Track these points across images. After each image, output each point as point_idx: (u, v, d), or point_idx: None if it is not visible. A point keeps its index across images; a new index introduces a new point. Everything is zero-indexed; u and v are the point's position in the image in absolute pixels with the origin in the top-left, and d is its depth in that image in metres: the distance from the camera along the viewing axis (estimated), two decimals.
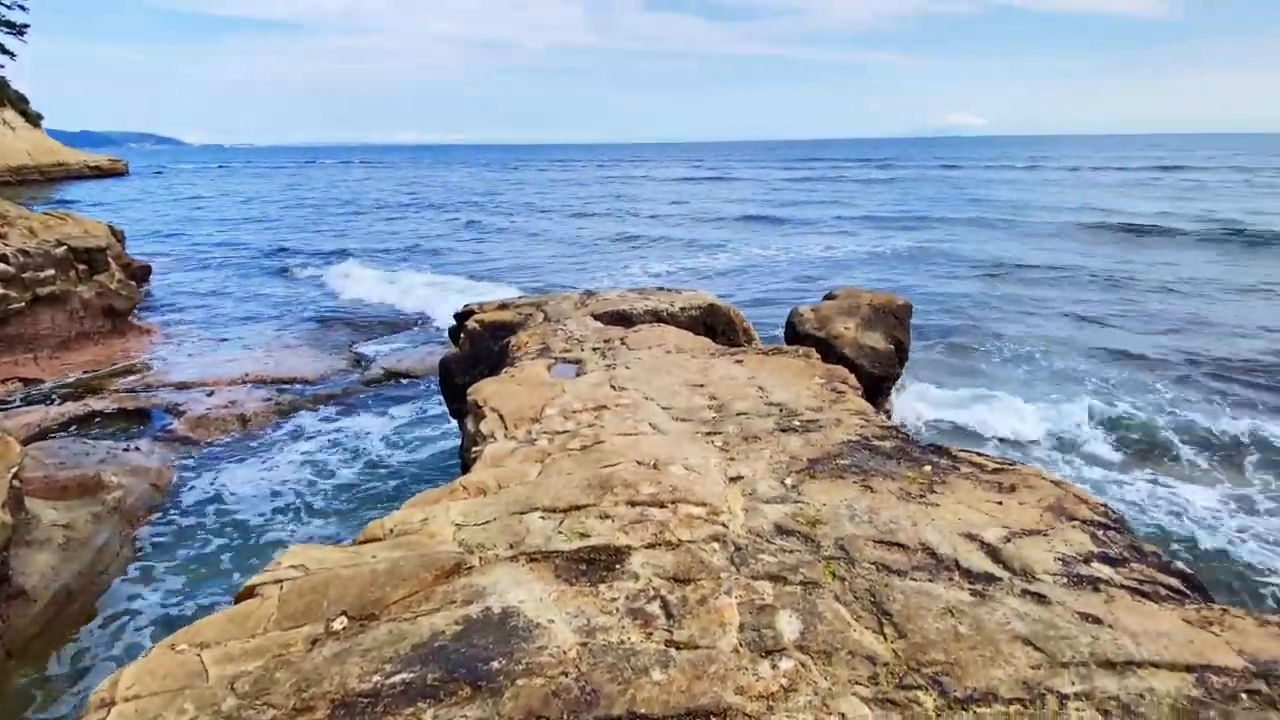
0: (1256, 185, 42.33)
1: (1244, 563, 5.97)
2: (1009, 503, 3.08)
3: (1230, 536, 6.34)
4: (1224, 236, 21.97)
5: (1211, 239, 21.86)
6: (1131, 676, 2.04)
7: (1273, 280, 16.12)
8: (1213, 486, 7.24)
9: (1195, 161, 69.78)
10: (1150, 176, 51.53)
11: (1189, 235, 22.52)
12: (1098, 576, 2.53)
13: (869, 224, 29.64)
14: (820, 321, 10.22)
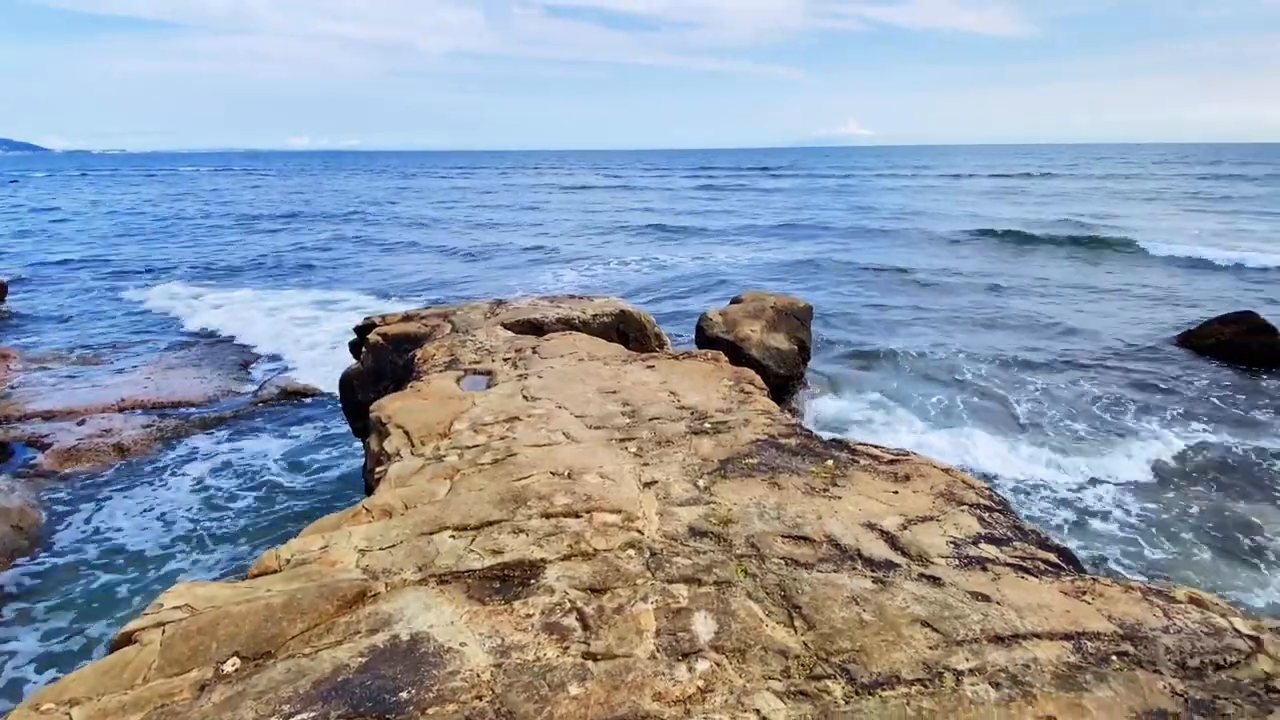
0: (1110, 191, 46.95)
1: (1104, 535, 6.58)
2: (904, 492, 3.25)
3: (1090, 512, 6.97)
4: (1083, 240, 24.13)
5: (1073, 243, 23.96)
6: (1018, 648, 2.19)
7: (1128, 282, 17.90)
8: (1075, 471, 7.94)
9: (1056, 169, 76.55)
10: (1016, 184, 56.02)
11: (1051, 240, 24.59)
12: (985, 556, 2.71)
13: (770, 230, 30.68)
14: (728, 325, 10.48)
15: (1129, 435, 8.73)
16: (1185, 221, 29.53)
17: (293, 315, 15.98)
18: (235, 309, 16.63)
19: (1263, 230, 26.55)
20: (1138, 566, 6.10)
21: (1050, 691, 2.01)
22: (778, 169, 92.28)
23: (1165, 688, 2.03)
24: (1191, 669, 2.12)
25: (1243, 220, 29.95)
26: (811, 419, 9.68)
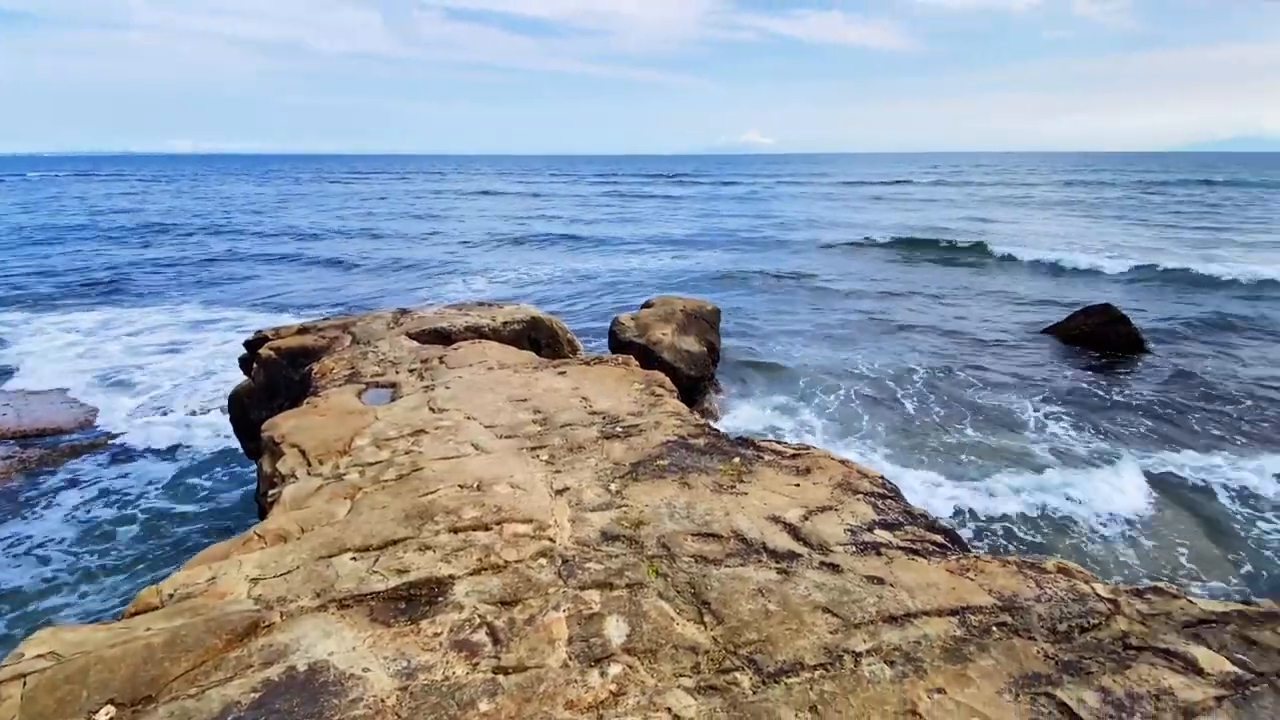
0: (986, 198, 50.72)
1: (991, 514, 7.11)
2: (805, 484, 3.39)
3: (980, 491, 7.52)
4: (961, 246, 25.83)
5: (952, 248, 25.64)
6: (910, 627, 2.33)
7: (1003, 284, 19.37)
8: (965, 458, 8.53)
9: (938, 176, 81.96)
10: (903, 190, 59.53)
11: (932, 245, 26.22)
12: (879, 542, 2.86)
13: (679, 237, 31.19)
14: (640, 329, 10.58)
15: (1009, 420, 9.45)
16: (1053, 226, 32.29)
17: (165, 336, 14.79)
18: (96, 330, 15.23)
19: (1116, 234, 29.42)
20: (1018, 539, 6.60)
21: (939, 665, 2.15)
22: (685, 176, 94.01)
23: (1039, 652, 2.21)
24: (1061, 633, 2.32)
25: (1103, 225, 33.09)
26: (721, 418, 9.91)
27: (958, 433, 9.08)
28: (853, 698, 2.02)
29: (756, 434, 9.27)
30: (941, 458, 8.34)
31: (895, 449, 8.61)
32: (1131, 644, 2.25)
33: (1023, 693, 2.04)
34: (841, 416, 9.68)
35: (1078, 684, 2.06)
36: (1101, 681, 2.08)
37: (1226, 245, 25.40)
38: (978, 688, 2.05)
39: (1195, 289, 18.05)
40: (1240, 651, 2.22)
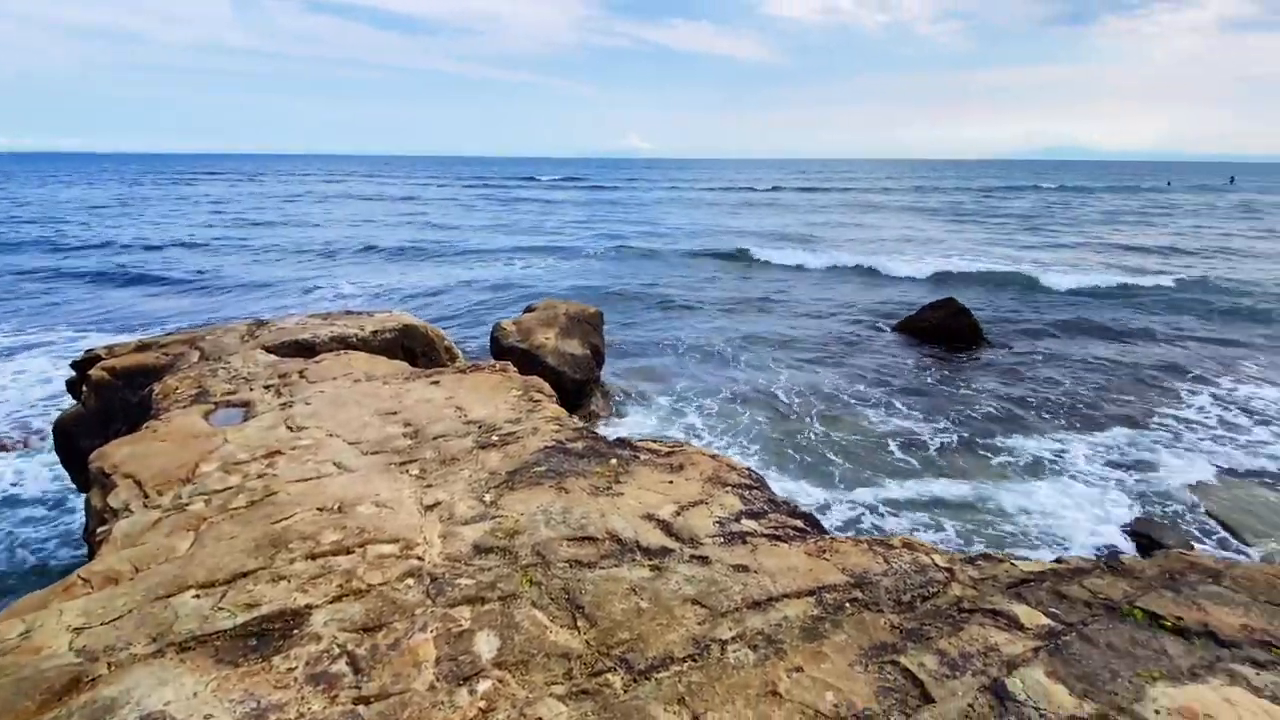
0: (845, 203, 54.32)
1: (858, 502, 7.63)
2: (678, 480, 3.48)
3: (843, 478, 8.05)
4: (818, 249, 27.47)
5: (809, 252, 27.21)
6: (772, 611, 2.44)
7: (846, 298, 20.83)
8: (829, 442, 9.11)
9: (806, 182, 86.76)
10: (769, 196, 62.58)
11: (790, 246, 27.76)
12: (746, 531, 2.99)
13: (559, 239, 31.08)
14: (523, 333, 10.44)
15: (868, 409, 10.17)
16: (908, 231, 35.07)
17: None
18: None
19: (956, 237, 32.39)
20: (874, 520, 7.12)
21: (798, 645, 2.27)
22: (566, 180, 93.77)
23: (886, 623, 2.39)
24: (905, 603, 2.52)
25: (947, 230, 36.31)
26: (607, 419, 9.97)
27: (821, 424, 9.65)
28: (718, 685, 2.10)
29: (644, 433, 9.42)
30: (807, 449, 8.82)
31: (765, 441, 9.02)
32: (964, 607, 2.49)
33: (871, 663, 2.19)
34: (719, 413, 10.02)
35: (919, 649, 2.25)
36: (939, 645, 2.28)
37: (1043, 248, 28.65)
38: (832, 663, 2.19)
39: (1023, 290, 20.20)
40: (1054, 605, 2.51)
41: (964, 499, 7.48)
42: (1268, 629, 2.32)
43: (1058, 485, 7.79)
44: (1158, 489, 7.71)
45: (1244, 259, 25.97)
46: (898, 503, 7.42)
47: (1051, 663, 2.19)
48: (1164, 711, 1.96)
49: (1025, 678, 2.11)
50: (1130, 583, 2.61)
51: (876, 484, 7.82)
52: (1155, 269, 22.97)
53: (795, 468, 8.24)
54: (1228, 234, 34.11)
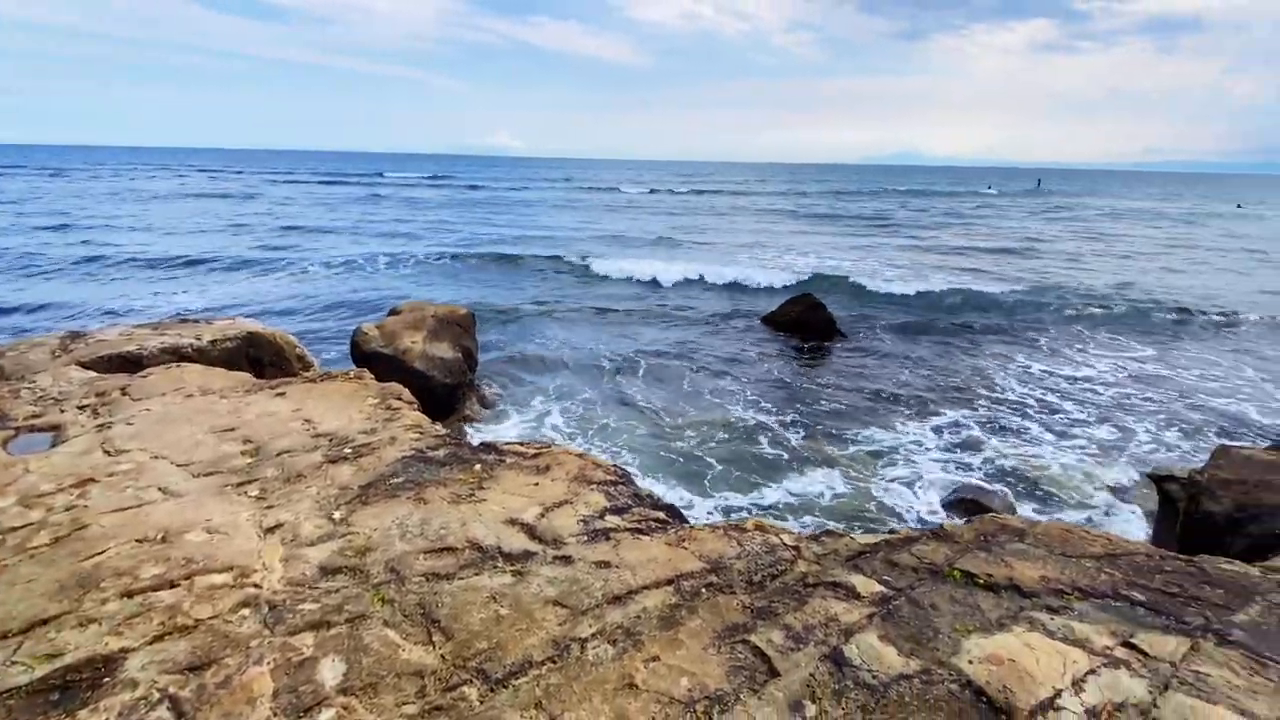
0: (702, 208, 56.23)
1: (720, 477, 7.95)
2: (544, 482, 3.45)
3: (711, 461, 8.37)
4: (679, 250, 28.44)
5: (671, 255, 28.16)
6: (632, 604, 2.48)
7: (709, 299, 21.68)
8: (698, 431, 9.43)
9: (669, 183, 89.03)
10: (641, 197, 63.62)
11: (666, 252, 28.61)
12: (609, 527, 3.01)
13: (424, 240, 29.92)
14: (387, 338, 9.95)
15: (732, 403, 10.62)
16: (771, 233, 36.93)
17: None
18: None
19: (810, 240, 34.52)
20: (736, 509, 7.46)
21: (655, 635, 2.32)
22: (432, 176, 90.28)
23: (738, 604, 2.50)
24: (756, 583, 2.64)
25: (802, 235, 38.58)
26: (482, 423, 9.73)
27: (688, 420, 9.96)
28: (576, 685, 2.10)
29: (518, 436, 9.27)
30: (675, 446, 9.07)
31: (635, 439, 9.18)
32: (809, 582, 2.65)
33: (724, 644, 2.28)
34: (592, 415, 10.06)
35: (767, 626, 2.37)
36: (786, 620, 2.41)
37: (890, 249, 31.20)
38: (687, 648, 2.25)
39: (867, 287, 21.87)
40: (886, 574, 2.73)
41: (823, 482, 7.98)
42: (1059, 578, 2.65)
43: (903, 464, 8.51)
44: (985, 462, 8.61)
45: (1057, 254, 29.62)
46: (763, 491, 7.79)
47: (884, 626, 2.38)
48: (976, 660, 2.19)
49: (860, 643, 2.28)
50: (951, 547, 2.90)
51: (743, 472, 8.17)
52: (983, 268, 25.65)
53: (665, 464, 8.44)
54: (1040, 231, 38.78)
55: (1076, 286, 20.97)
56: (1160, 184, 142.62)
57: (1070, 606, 2.48)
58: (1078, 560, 2.77)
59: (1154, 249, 32.32)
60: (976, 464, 8.54)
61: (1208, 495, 4.36)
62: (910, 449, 8.94)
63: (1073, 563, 2.75)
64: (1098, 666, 2.16)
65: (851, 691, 2.08)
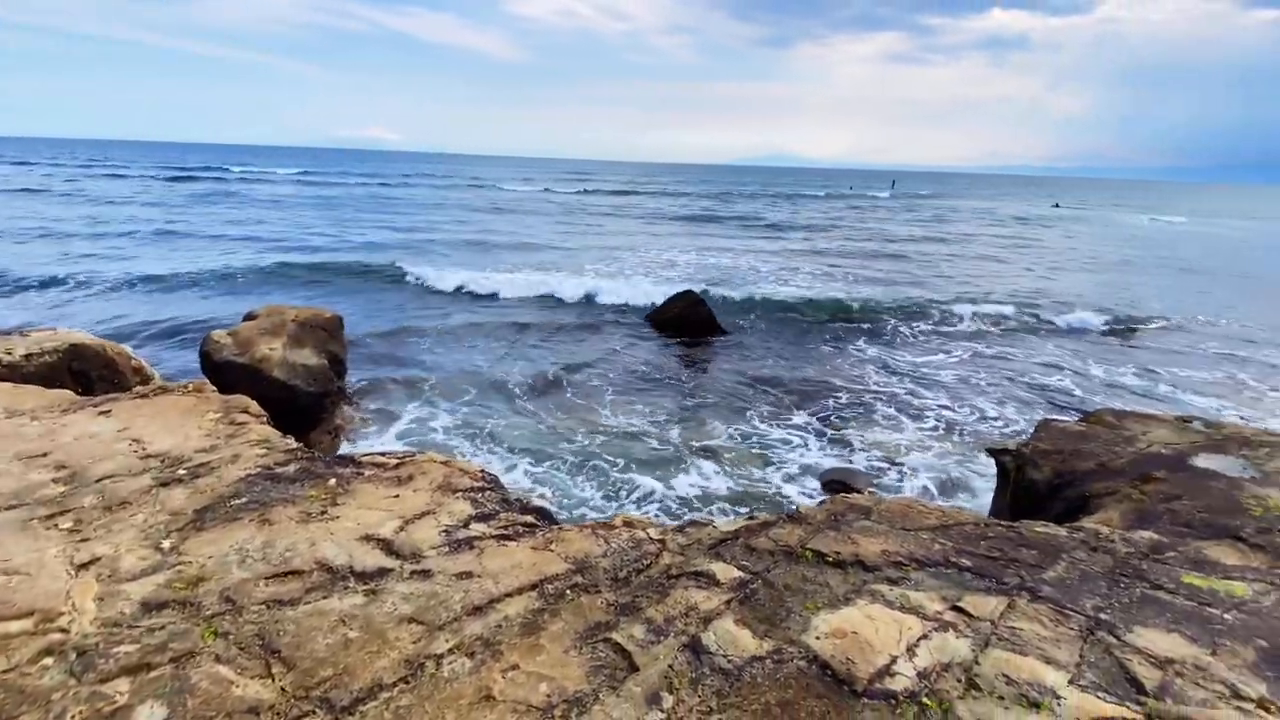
0: (564, 206, 56.48)
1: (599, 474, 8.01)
2: (405, 493, 3.30)
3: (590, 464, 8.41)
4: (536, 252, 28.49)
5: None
6: (493, 613, 2.42)
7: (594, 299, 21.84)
8: (573, 435, 9.45)
9: (599, 184, 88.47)
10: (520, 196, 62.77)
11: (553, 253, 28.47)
12: (474, 536, 2.93)
13: (277, 243, 27.90)
14: (241, 345, 9.19)
15: (613, 401, 10.72)
16: (650, 235, 37.51)
17: None
18: None
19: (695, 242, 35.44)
20: (614, 506, 7.55)
21: (515, 643, 2.27)
22: (303, 171, 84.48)
23: (602, 603, 2.50)
24: (621, 580, 2.66)
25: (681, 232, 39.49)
26: (354, 432, 9.22)
27: (571, 418, 9.95)
28: (429, 704, 2.01)
29: (398, 444, 8.86)
30: (559, 444, 9.03)
31: (516, 440, 9.05)
32: (672, 573, 2.69)
33: (586, 644, 2.27)
34: (469, 420, 9.79)
35: (630, 622, 2.38)
36: (648, 614, 2.43)
37: (774, 253, 32.60)
38: (548, 653, 2.22)
39: (739, 287, 22.75)
40: (745, 559, 2.83)
41: (707, 474, 8.21)
42: (899, 551, 2.86)
43: (782, 452, 8.91)
44: (855, 445, 9.19)
45: (915, 252, 32.11)
46: (649, 486, 7.90)
47: (741, 611, 2.46)
48: (823, 636, 2.31)
49: (718, 629, 2.34)
50: (804, 528, 3.05)
51: (628, 469, 8.24)
52: (850, 268, 27.38)
53: (549, 465, 8.37)
54: (899, 231, 41.92)
55: (935, 283, 22.82)
56: (998, 185, 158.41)
57: (908, 577, 2.68)
58: (915, 533, 3.00)
59: (995, 248, 35.79)
60: (847, 448, 9.09)
61: (1031, 465, 4.87)
62: (788, 438, 9.37)
63: (911, 535, 2.97)
64: (929, 631, 2.34)
65: (708, 678, 2.13)
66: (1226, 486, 4.14)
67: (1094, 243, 40.22)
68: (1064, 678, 2.12)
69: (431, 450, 3.96)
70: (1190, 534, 3.69)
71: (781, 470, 8.37)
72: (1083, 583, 2.65)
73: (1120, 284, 23.99)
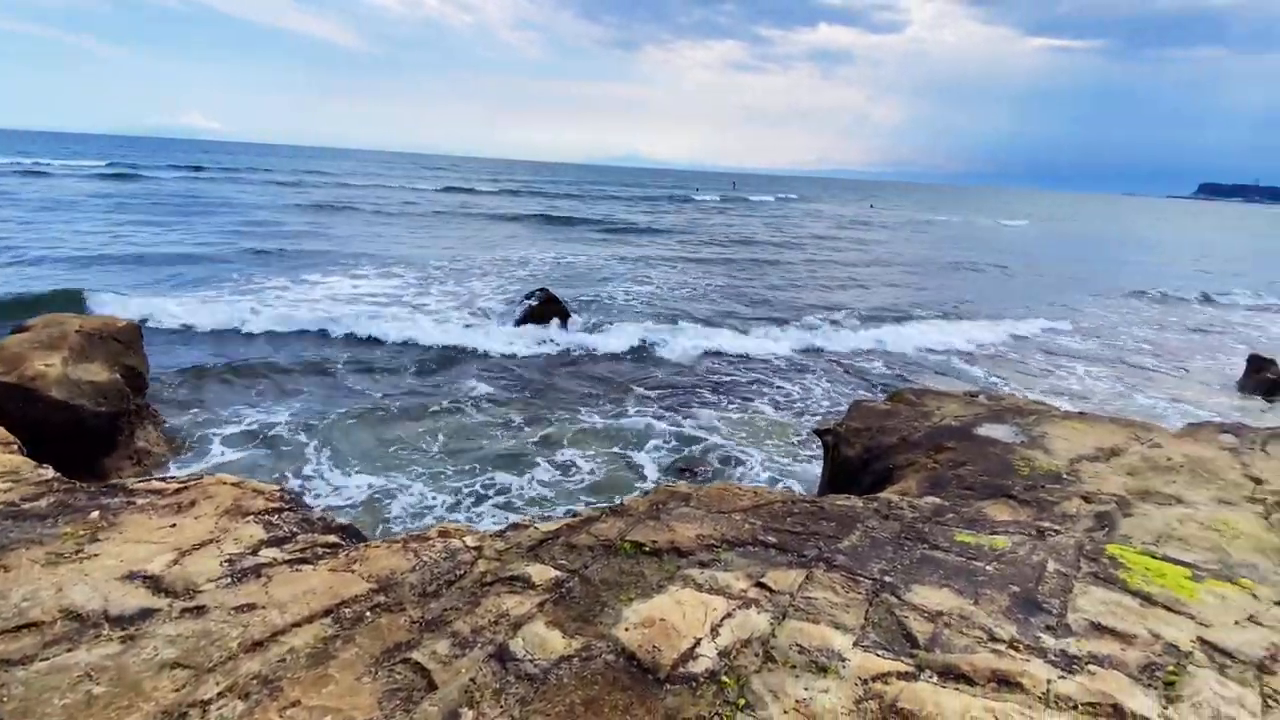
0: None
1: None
2: (185, 521, 2.94)
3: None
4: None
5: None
6: (276, 646, 2.19)
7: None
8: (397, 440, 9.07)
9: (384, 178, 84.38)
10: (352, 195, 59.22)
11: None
12: (262, 563, 2.65)
13: (85, 238, 24.45)
14: (9, 362, 7.86)
15: (462, 393, 10.40)
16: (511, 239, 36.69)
17: None
18: None
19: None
20: (470, 495, 7.33)
21: (299, 677, 2.07)
22: (110, 160, 73.87)
23: (405, 621, 2.35)
24: (430, 594, 2.52)
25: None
26: (160, 453, 8.20)
27: (417, 419, 9.52)
28: None
29: (208, 466, 7.94)
30: (403, 450, 8.60)
31: (355, 447, 8.51)
32: (486, 581, 2.60)
33: (381, 669, 2.12)
34: (293, 429, 9.04)
35: (434, 638, 2.26)
36: (455, 627, 2.32)
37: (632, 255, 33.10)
38: (337, 683, 2.05)
39: (597, 283, 22.93)
40: (564, 558, 2.79)
41: (561, 467, 8.14)
42: (712, 534, 2.95)
43: (635, 442, 9.03)
44: (696, 434, 9.51)
45: (762, 245, 33.93)
46: (503, 482, 7.70)
47: (554, 611, 2.41)
48: (632, 627, 2.32)
49: (527, 634, 2.28)
50: (626, 521, 3.06)
51: (479, 469, 7.98)
52: (702, 257, 28.43)
53: (393, 471, 7.92)
54: (741, 231, 44.15)
55: (776, 282, 24.24)
56: (828, 188, 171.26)
57: (719, 559, 2.77)
58: (729, 515, 3.11)
59: (822, 246, 38.69)
60: (696, 435, 9.38)
61: (845, 443, 5.28)
62: (642, 428, 9.52)
63: (724, 518, 3.08)
64: (733, 609, 2.42)
65: (513, 687, 2.06)
66: (1002, 451, 4.70)
67: (927, 244, 44.70)
68: (849, 640, 2.27)
69: (227, 473, 3.55)
70: (972, 495, 4.14)
71: (631, 461, 8.48)
72: (872, 549, 2.88)
73: (948, 286, 26.84)
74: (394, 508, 7.17)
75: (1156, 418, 10.89)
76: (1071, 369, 14.11)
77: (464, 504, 7.33)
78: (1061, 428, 5.10)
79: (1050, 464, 4.41)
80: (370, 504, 7.20)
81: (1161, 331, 18.69)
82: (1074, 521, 3.58)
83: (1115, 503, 3.81)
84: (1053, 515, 3.66)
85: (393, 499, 7.32)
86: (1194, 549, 3.29)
